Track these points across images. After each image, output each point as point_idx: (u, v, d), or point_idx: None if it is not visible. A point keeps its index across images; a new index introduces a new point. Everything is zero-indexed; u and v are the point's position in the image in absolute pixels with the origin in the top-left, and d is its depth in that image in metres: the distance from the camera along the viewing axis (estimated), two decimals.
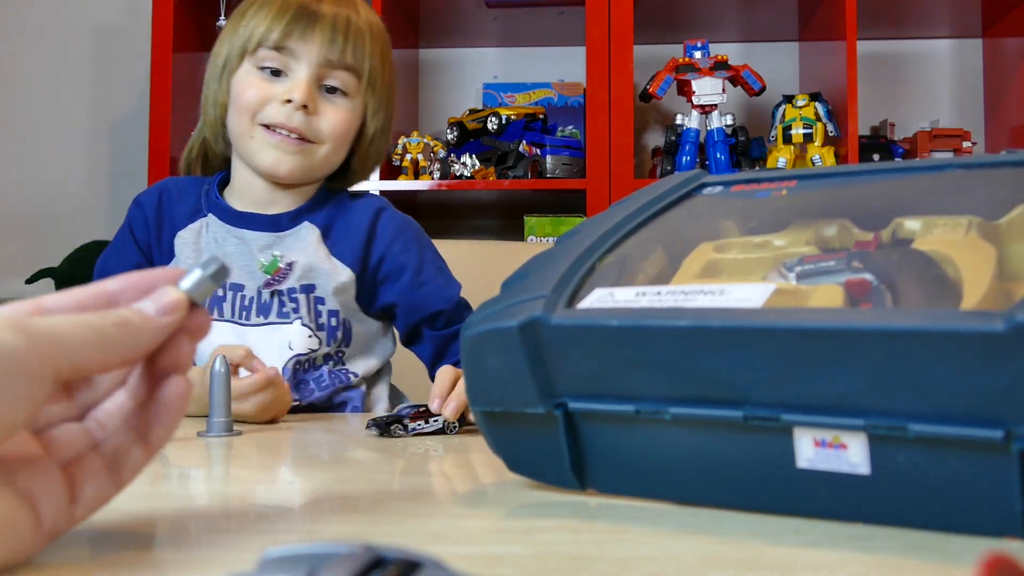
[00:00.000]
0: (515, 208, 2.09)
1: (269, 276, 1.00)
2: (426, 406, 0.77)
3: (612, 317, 0.40)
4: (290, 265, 1.01)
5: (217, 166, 1.11)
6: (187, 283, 0.34)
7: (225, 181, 1.09)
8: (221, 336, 0.97)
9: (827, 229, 0.43)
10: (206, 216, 1.05)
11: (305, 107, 0.98)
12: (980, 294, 0.34)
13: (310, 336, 1.00)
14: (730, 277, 0.41)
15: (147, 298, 0.34)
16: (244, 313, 1.01)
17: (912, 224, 0.40)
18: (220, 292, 1.01)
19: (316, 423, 0.87)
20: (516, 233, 2.07)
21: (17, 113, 2.44)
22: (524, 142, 1.96)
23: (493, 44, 2.33)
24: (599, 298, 0.42)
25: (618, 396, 0.41)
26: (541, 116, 2.04)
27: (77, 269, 2.31)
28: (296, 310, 1.01)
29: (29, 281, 2.32)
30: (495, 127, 1.98)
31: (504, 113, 1.98)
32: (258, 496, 0.48)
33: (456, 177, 1.93)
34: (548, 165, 1.99)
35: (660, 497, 0.42)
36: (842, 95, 1.86)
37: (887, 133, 2.10)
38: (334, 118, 1.00)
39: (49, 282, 2.31)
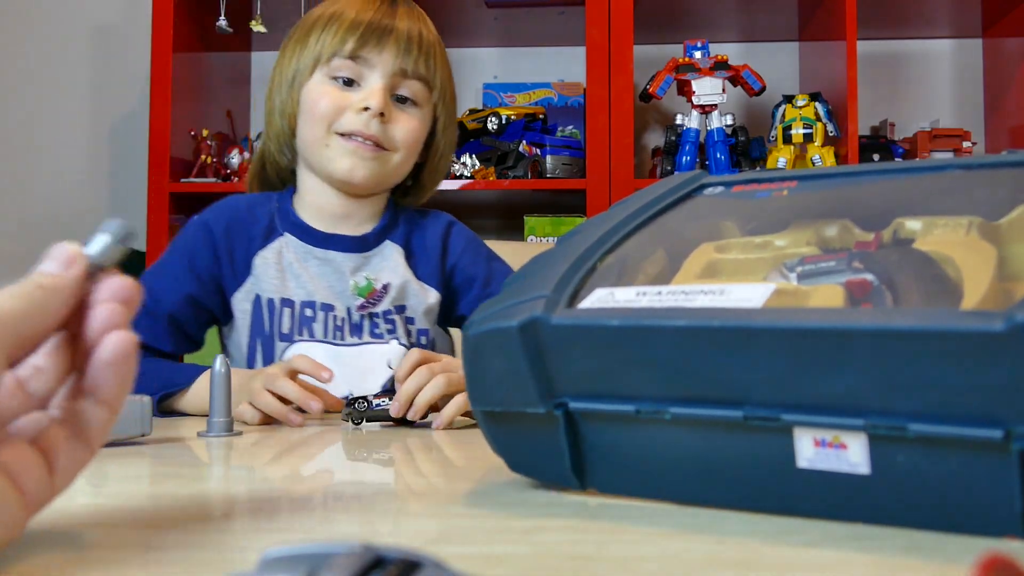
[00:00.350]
0: (515, 208, 2.10)
1: (364, 298, 1.03)
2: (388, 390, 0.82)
3: (612, 317, 0.40)
4: (385, 287, 1.04)
5: (276, 183, 1.12)
6: (92, 248, 0.35)
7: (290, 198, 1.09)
8: (321, 358, 0.95)
9: (828, 229, 0.43)
10: (283, 236, 1.05)
11: (382, 114, 1.00)
12: (980, 294, 0.34)
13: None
14: (731, 277, 0.41)
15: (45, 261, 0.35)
16: (338, 333, 1.03)
17: (913, 224, 0.40)
18: (310, 313, 1.02)
19: (316, 423, 0.87)
20: (516, 233, 2.07)
21: (17, 113, 2.44)
22: (524, 142, 1.96)
23: (493, 44, 2.33)
24: (599, 298, 0.42)
25: (618, 396, 0.41)
26: (541, 116, 2.04)
27: None
28: (392, 330, 1.03)
29: None
30: (495, 127, 1.98)
31: (504, 113, 1.98)
32: (258, 496, 0.48)
33: (456, 177, 1.94)
34: (548, 165, 1.99)
35: (660, 497, 0.42)
36: (842, 95, 1.86)
37: (887, 133, 2.10)
38: (407, 126, 1.02)
39: None
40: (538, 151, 1.99)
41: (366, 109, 1.00)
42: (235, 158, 2.01)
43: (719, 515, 0.39)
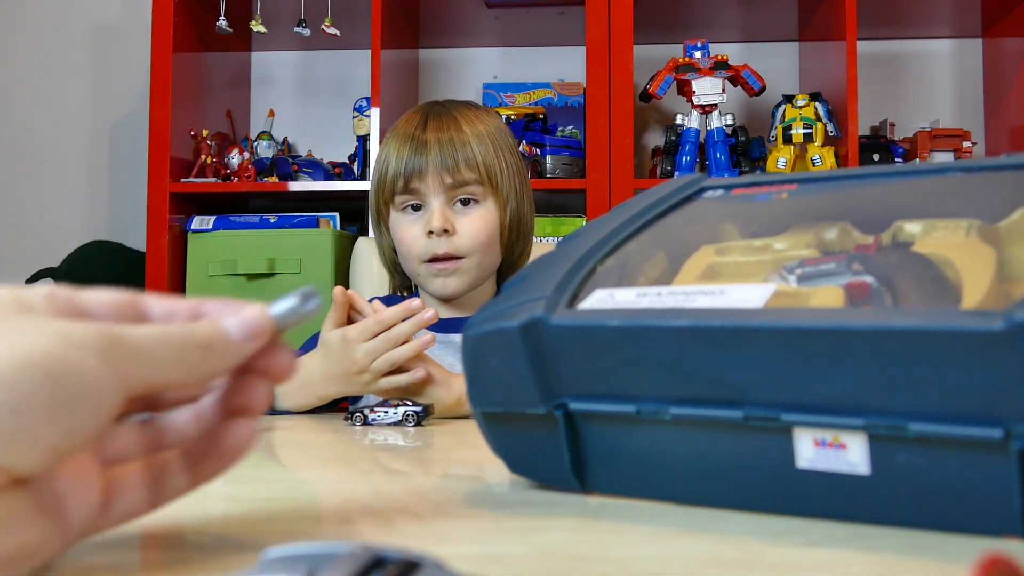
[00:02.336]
0: None
1: None
2: (391, 400, 0.83)
3: (612, 317, 0.40)
4: None
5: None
6: (279, 308, 0.33)
7: None
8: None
9: (827, 232, 0.43)
10: None
11: (445, 231, 1.10)
12: (980, 296, 0.34)
13: None
14: (731, 279, 0.41)
15: (233, 316, 0.32)
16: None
17: (912, 227, 0.40)
18: None
19: (315, 423, 0.87)
20: None
21: (17, 113, 2.44)
22: (524, 142, 1.96)
23: (493, 44, 2.33)
24: (600, 299, 0.42)
25: (618, 396, 0.41)
26: (541, 116, 2.04)
27: (77, 269, 2.31)
28: None
29: (29, 281, 2.32)
30: None
31: (504, 113, 1.98)
32: (257, 496, 0.48)
33: None
34: (548, 165, 1.99)
35: (660, 497, 0.42)
36: (842, 95, 1.86)
37: (887, 133, 2.10)
38: (470, 230, 1.12)
39: (49, 282, 2.31)
40: (538, 151, 1.99)
41: (431, 233, 1.10)
42: (235, 158, 2.01)
43: (719, 515, 0.39)
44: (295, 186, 2.00)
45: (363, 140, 2.08)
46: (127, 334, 0.29)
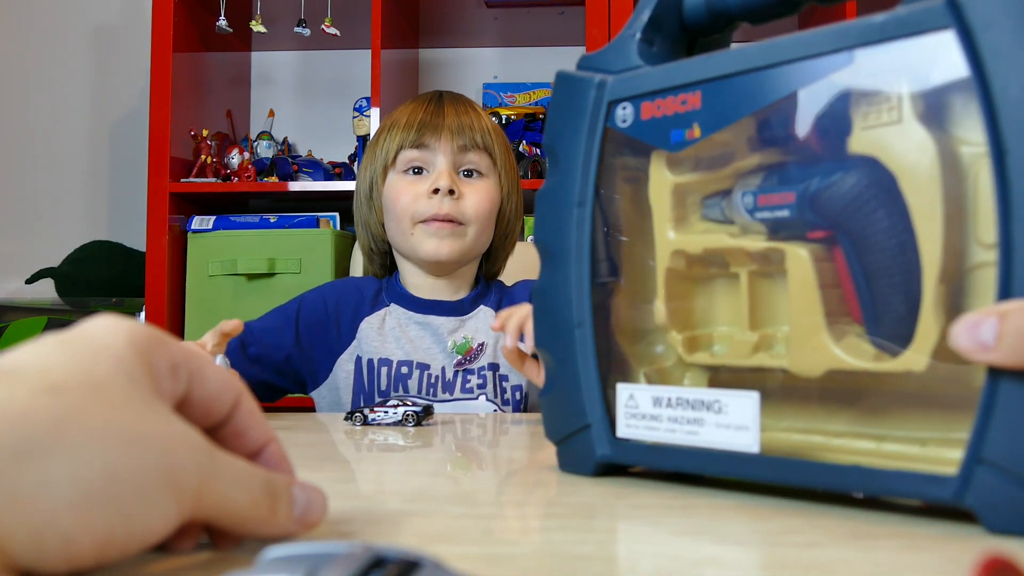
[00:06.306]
0: None
1: (460, 356, 1.11)
2: (391, 400, 0.83)
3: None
4: (481, 345, 1.13)
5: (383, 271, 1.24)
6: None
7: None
8: None
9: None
10: (388, 306, 1.16)
11: (451, 192, 1.10)
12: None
13: (495, 410, 1.09)
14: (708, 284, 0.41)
15: (304, 494, 0.33)
16: (431, 390, 1.10)
17: None
18: (406, 370, 1.12)
19: (315, 423, 0.87)
20: None
21: (17, 113, 2.44)
22: (524, 142, 1.96)
23: (493, 44, 2.33)
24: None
25: None
26: (541, 116, 2.04)
27: (77, 269, 2.31)
28: (482, 386, 1.10)
29: (29, 281, 2.32)
30: None
31: (504, 113, 1.98)
32: None
33: None
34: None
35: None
36: None
37: None
38: (476, 198, 1.12)
39: (49, 282, 2.31)
40: (538, 151, 1.99)
41: (436, 191, 1.09)
42: (235, 158, 2.01)
43: (719, 515, 0.39)
44: (295, 186, 2.00)
45: (363, 140, 2.07)
46: (216, 467, 0.29)
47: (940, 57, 0.37)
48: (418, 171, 1.12)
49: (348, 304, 1.15)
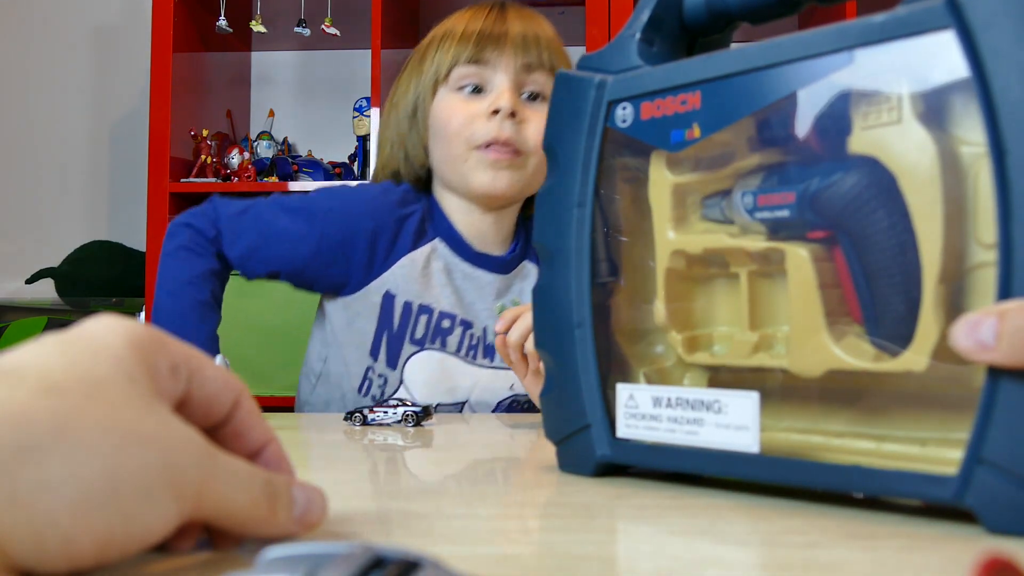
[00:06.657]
0: None
1: None
2: (390, 400, 0.82)
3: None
4: None
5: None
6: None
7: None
8: (451, 370, 0.97)
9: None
10: (433, 240, 1.01)
11: (513, 115, 0.95)
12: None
13: None
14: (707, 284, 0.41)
15: (304, 494, 0.33)
16: (471, 352, 1.00)
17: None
18: (447, 324, 0.99)
19: (315, 423, 0.87)
20: None
21: (18, 113, 2.44)
22: None
23: None
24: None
25: None
26: None
27: (77, 269, 2.31)
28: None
29: (29, 281, 2.32)
30: None
31: None
32: None
33: None
34: None
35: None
36: None
37: None
38: (540, 126, 0.94)
39: (49, 282, 2.31)
40: None
41: (496, 112, 0.95)
42: (235, 158, 2.01)
43: (719, 515, 0.39)
44: (295, 186, 2.00)
45: (363, 140, 2.07)
46: (216, 467, 0.29)
47: (940, 57, 0.37)
48: (476, 90, 0.98)
49: (386, 230, 0.99)
